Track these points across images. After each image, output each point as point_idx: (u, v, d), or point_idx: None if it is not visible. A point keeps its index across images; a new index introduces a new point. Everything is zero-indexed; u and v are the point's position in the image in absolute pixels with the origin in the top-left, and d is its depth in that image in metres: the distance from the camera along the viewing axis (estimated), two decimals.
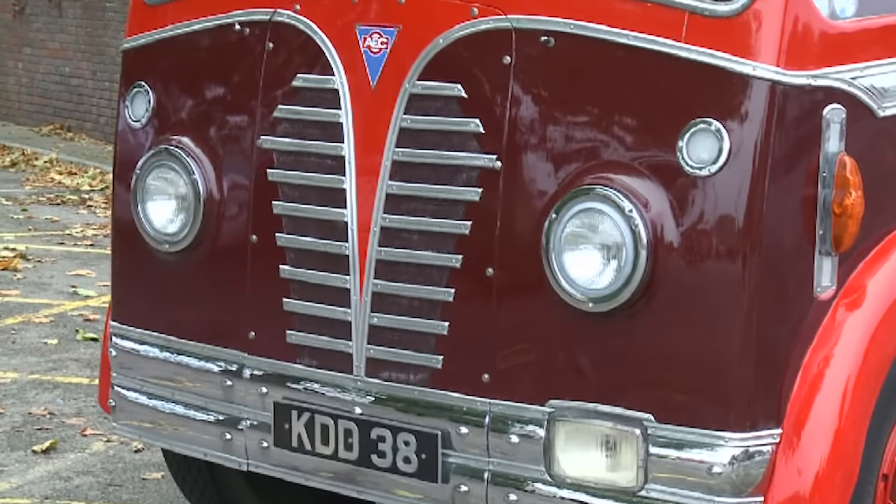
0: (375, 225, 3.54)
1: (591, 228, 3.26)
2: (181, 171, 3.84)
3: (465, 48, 3.44)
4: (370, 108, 3.55)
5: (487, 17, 3.42)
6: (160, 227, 3.90)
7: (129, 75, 4.08)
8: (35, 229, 9.92)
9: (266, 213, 3.72)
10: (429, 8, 3.49)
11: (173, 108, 3.96)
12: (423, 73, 3.48)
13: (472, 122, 3.43)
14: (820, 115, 3.25)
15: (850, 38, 3.36)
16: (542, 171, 3.36)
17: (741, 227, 3.17)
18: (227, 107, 3.83)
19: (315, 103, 3.63)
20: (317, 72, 3.63)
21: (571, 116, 3.34)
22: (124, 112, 4.06)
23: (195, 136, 3.88)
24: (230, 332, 3.82)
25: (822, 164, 3.26)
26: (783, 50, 3.17)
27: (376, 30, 3.54)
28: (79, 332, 7.02)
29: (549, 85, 3.36)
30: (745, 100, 3.17)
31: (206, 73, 3.89)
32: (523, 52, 3.38)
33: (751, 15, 3.17)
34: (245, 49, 3.77)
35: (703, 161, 3.19)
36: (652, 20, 3.24)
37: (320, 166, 3.62)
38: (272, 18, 3.72)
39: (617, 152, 3.28)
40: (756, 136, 3.17)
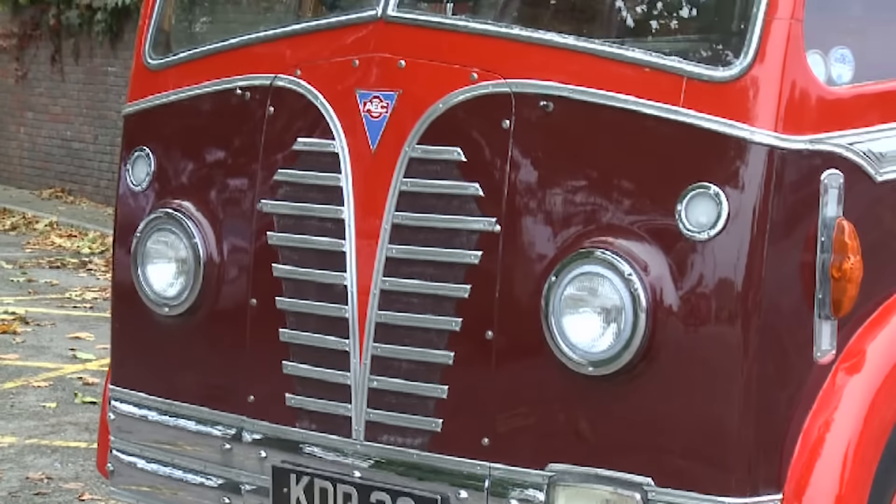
0: (375, 288, 3.55)
1: (590, 292, 3.27)
2: (181, 234, 3.85)
3: (465, 112, 3.46)
4: (370, 171, 3.56)
5: (487, 82, 3.44)
6: (160, 290, 3.90)
7: (130, 140, 4.10)
8: (35, 293, 9.93)
9: (266, 276, 3.72)
10: (429, 72, 3.52)
11: (174, 171, 3.98)
12: (422, 137, 3.50)
13: (472, 185, 3.44)
14: (818, 179, 3.26)
15: (848, 104, 3.38)
16: (541, 235, 3.37)
17: (740, 291, 3.18)
18: (228, 170, 3.85)
19: (315, 167, 3.65)
20: (317, 136, 3.65)
21: (571, 180, 3.35)
22: (125, 176, 4.07)
23: (196, 200, 3.89)
24: (229, 396, 3.81)
25: (821, 228, 3.27)
26: (781, 115, 3.19)
27: (376, 94, 3.56)
28: (77, 396, 7.01)
29: (548, 149, 3.38)
30: (744, 164, 3.19)
31: (207, 138, 3.91)
32: (522, 117, 3.40)
33: (749, 80, 3.19)
34: (246, 113, 3.79)
35: (701, 225, 3.20)
36: (650, 85, 3.26)
37: (320, 229, 3.63)
38: (273, 83, 3.74)
39: (616, 216, 3.29)
40: (755, 201, 3.18)
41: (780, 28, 3.19)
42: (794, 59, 3.20)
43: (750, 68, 3.19)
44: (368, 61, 3.58)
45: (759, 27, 3.19)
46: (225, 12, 13.67)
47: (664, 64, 3.28)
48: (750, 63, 3.19)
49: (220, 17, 13.64)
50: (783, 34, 3.19)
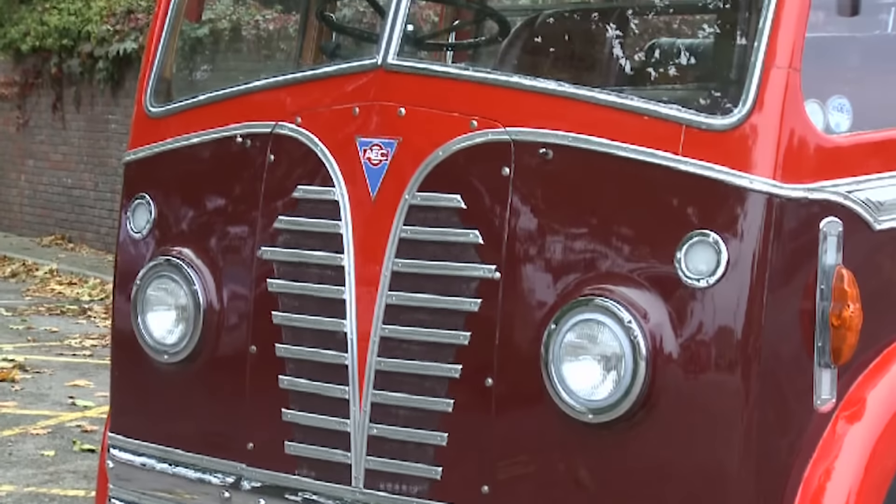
0: (375, 335, 3.55)
1: (590, 339, 3.27)
2: (181, 281, 3.86)
3: (465, 160, 3.48)
4: (370, 218, 3.57)
5: (486, 130, 3.45)
6: (160, 337, 3.90)
7: (130, 187, 4.11)
8: (34, 340, 9.92)
9: (266, 323, 3.72)
10: (428, 120, 3.53)
11: (174, 219, 3.99)
12: (422, 184, 3.51)
13: (472, 232, 3.45)
14: (817, 227, 3.27)
15: (846, 153, 3.39)
16: (541, 282, 3.37)
17: (740, 338, 3.18)
18: (228, 218, 3.86)
19: (315, 214, 3.66)
20: (317, 183, 3.66)
21: (570, 227, 3.36)
22: (126, 223, 4.08)
23: (196, 247, 3.90)
24: (229, 444, 3.80)
25: (820, 276, 3.27)
26: (780, 163, 3.20)
27: (376, 142, 3.57)
28: (76, 444, 6.99)
29: (547, 196, 3.39)
30: (743, 212, 3.20)
31: (207, 185, 3.92)
32: (522, 164, 3.41)
33: (747, 129, 3.21)
34: (246, 161, 3.80)
35: (701, 273, 3.20)
36: (649, 133, 3.28)
37: (320, 277, 3.63)
38: (273, 131, 3.76)
39: (616, 263, 3.29)
40: (754, 249, 3.19)
41: (778, 77, 3.21)
42: (792, 108, 3.22)
43: (748, 117, 3.21)
44: (368, 109, 3.59)
45: (758, 76, 3.21)
46: (225, 60, 13.74)
47: (663, 112, 3.29)
48: (748, 112, 3.21)
49: (220, 66, 13.71)
50: (781, 83, 3.21)
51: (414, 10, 3.71)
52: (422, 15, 8.65)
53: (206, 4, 4.52)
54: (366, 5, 5.89)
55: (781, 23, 3.21)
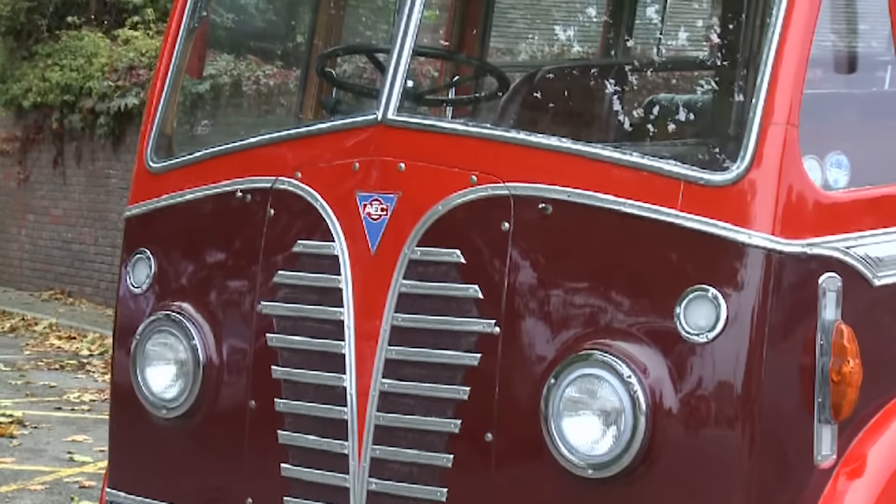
0: (374, 390, 3.54)
1: (589, 394, 3.26)
2: (181, 336, 3.86)
3: (465, 214, 3.49)
4: (370, 273, 3.58)
5: (486, 185, 3.47)
6: (159, 392, 3.89)
7: (131, 242, 4.11)
8: (32, 395, 9.90)
9: (265, 378, 3.72)
10: (428, 175, 3.55)
11: (174, 273, 3.99)
12: (422, 238, 3.52)
13: (471, 287, 3.46)
14: (816, 283, 3.28)
15: (844, 209, 3.40)
16: (540, 337, 3.38)
17: (740, 393, 3.17)
18: (228, 272, 3.86)
19: (315, 269, 3.66)
20: (317, 238, 3.67)
21: (569, 282, 3.37)
22: (126, 278, 4.08)
23: (196, 302, 3.90)
24: (228, 499, 3.79)
25: (820, 331, 3.28)
26: (778, 219, 3.21)
27: (376, 196, 3.58)
28: (74, 500, 6.95)
29: (547, 251, 3.40)
30: (742, 267, 3.20)
31: (207, 240, 3.93)
32: (521, 219, 3.42)
33: (746, 184, 3.22)
34: (246, 216, 3.81)
35: (700, 328, 3.21)
36: (648, 188, 3.29)
37: (320, 331, 3.63)
38: (274, 186, 3.77)
39: (615, 318, 3.30)
40: (753, 304, 3.19)
41: (776, 133, 3.22)
42: (790, 164, 3.23)
43: (747, 173, 3.22)
44: (368, 164, 3.61)
45: (756, 132, 3.23)
46: (226, 115, 13.79)
47: (662, 168, 3.31)
48: (747, 167, 3.22)
49: (221, 121, 13.75)
50: (779, 139, 3.22)
51: (414, 65, 3.74)
52: (421, 70, 8.70)
53: (207, 60, 4.54)
54: (366, 61, 5.92)
55: (779, 79, 3.23)
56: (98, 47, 14.70)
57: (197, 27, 4.20)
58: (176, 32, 4.15)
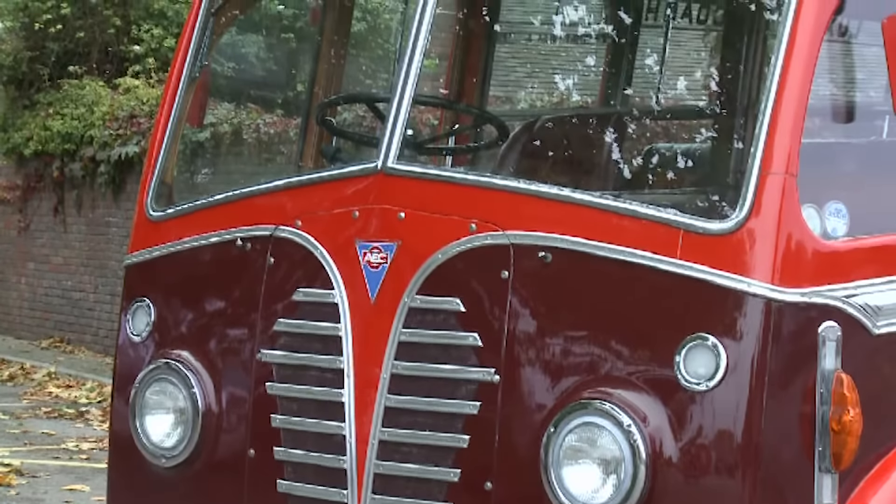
0: (374, 438, 3.53)
1: (589, 443, 3.26)
2: (180, 384, 3.85)
3: (464, 263, 3.49)
4: (370, 321, 3.58)
5: (486, 233, 3.47)
6: (158, 440, 3.88)
7: (131, 290, 4.11)
8: (31, 444, 9.86)
9: (264, 426, 3.71)
10: (428, 223, 3.55)
11: (174, 321, 3.99)
12: (422, 287, 3.52)
13: (471, 335, 3.45)
14: (815, 332, 3.28)
15: (843, 257, 3.41)
16: (540, 385, 3.37)
17: (740, 442, 3.17)
18: (228, 321, 3.86)
19: (315, 317, 3.66)
20: (317, 286, 3.67)
21: (569, 330, 3.37)
22: (125, 326, 4.08)
23: (195, 350, 3.90)
24: None
25: (819, 380, 3.27)
26: (777, 268, 3.22)
27: (376, 245, 3.59)
28: None
29: (546, 299, 3.40)
30: (741, 316, 3.20)
31: (207, 288, 3.93)
32: (521, 267, 3.42)
33: (745, 233, 3.23)
34: (246, 264, 3.82)
35: (700, 376, 3.20)
36: (647, 237, 3.30)
37: (319, 379, 3.63)
38: (274, 234, 3.78)
39: (615, 367, 3.29)
40: (753, 353, 3.19)
41: (774, 183, 3.23)
42: (789, 213, 3.24)
43: (746, 221, 3.23)
44: (368, 212, 3.61)
45: (755, 181, 3.24)
46: (226, 164, 13.81)
47: (661, 216, 3.32)
48: (746, 216, 3.23)
49: (221, 169, 13.76)
50: (778, 188, 3.23)
51: (413, 114, 3.75)
52: (421, 119, 8.73)
53: (208, 108, 4.56)
54: (366, 109, 5.95)
55: (777, 129, 3.25)
56: (99, 96, 14.76)
57: (198, 76, 4.22)
58: (177, 82, 4.17)
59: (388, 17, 11.16)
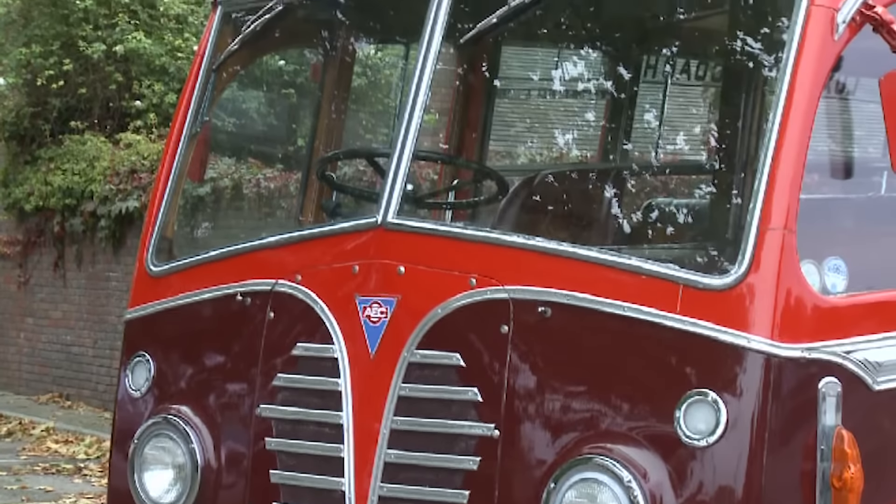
0: (373, 494, 3.52)
1: (589, 498, 3.24)
2: (179, 440, 3.84)
3: (464, 318, 3.49)
4: (369, 376, 3.57)
5: (485, 288, 3.48)
6: (156, 496, 3.87)
7: (130, 345, 4.11)
8: (28, 500, 9.81)
9: (263, 481, 3.69)
10: (428, 278, 3.55)
11: (173, 376, 3.99)
12: (421, 341, 3.52)
13: (471, 390, 3.45)
14: (815, 387, 3.27)
15: (843, 313, 3.41)
16: (540, 440, 3.36)
17: (740, 499, 3.15)
18: (228, 375, 3.86)
19: (315, 372, 3.65)
20: (317, 341, 3.66)
21: (569, 385, 3.36)
22: (124, 381, 4.08)
23: (194, 405, 3.89)
24: None
25: (820, 436, 3.26)
26: (777, 323, 3.22)
27: (376, 300, 3.59)
28: None
29: (546, 354, 3.40)
30: (741, 372, 3.20)
31: (207, 343, 3.93)
32: (521, 322, 3.42)
33: (744, 289, 3.23)
34: (246, 318, 3.82)
35: (700, 432, 3.20)
36: (647, 292, 3.30)
37: (319, 434, 3.62)
38: (274, 288, 3.78)
39: (615, 422, 3.29)
40: (753, 408, 3.18)
41: (773, 238, 3.24)
42: (788, 269, 3.24)
43: (745, 277, 3.23)
44: (368, 267, 3.62)
45: (754, 237, 3.24)
46: (227, 218, 13.81)
47: (660, 271, 3.32)
48: (745, 272, 3.23)
49: (221, 223, 13.76)
50: (777, 244, 3.24)
51: (413, 168, 3.77)
52: (421, 173, 8.74)
53: (208, 163, 4.58)
54: (366, 164, 5.96)
55: (776, 184, 3.26)
56: (100, 151, 14.80)
57: (199, 132, 4.24)
58: (178, 137, 4.19)
59: (389, 72, 11.21)
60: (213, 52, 4.24)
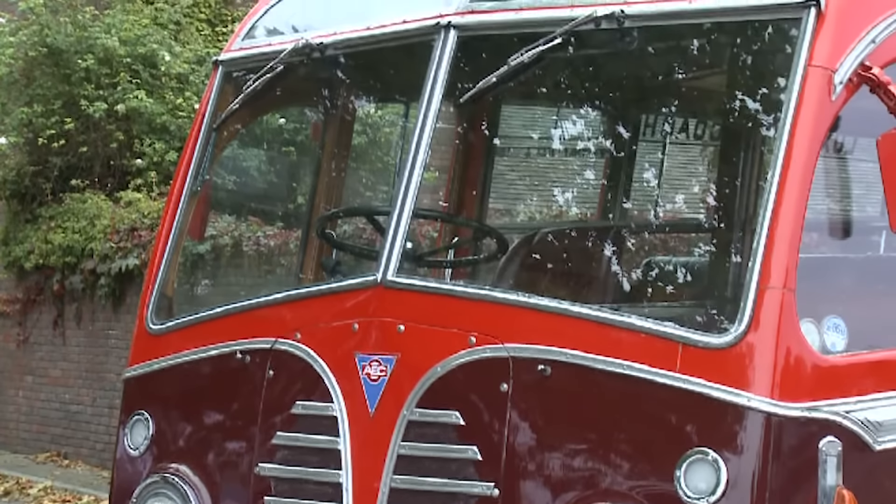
0: None
1: None
2: (177, 499, 3.83)
3: (464, 376, 3.48)
4: (368, 435, 3.56)
5: (485, 346, 3.47)
6: None
7: (129, 404, 4.11)
8: None
9: None
10: (427, 336, 3.55)
11: (172, 435, 3.97)
12: (421, 400, 3.51)
13: (470, 449, 3.44)
14: (816, 447, 3.26)
15: (843, 372, 3.40)
16: (540, 499, 3.35)
17: None
18: (227, 434, 3.85)
19: (314, 430, 3.64)
20: (316, 399, 3.66)
21: (569, 444, 3.35)
22: (123, 440, 4.07)
23: (193, 464, 3.88)
24: None
25: (821, 496, 3.25)
26: (777, 382, 3.21)
27: (376, 358, 3.59)
28: None
29: (546, 412, 3.39)
30: (741, 431, 3.19)
31: (206, 401, 3.92)
32: (521, 380, 3.42)
33: (744, 347, 3.23)
34: (246, 376, 3.81)
35: (701, 491, 3.18)
36: (647, 350, 3.29)
37: (318, 493, 3.60)
38: (273, 347, 3.77)
39: (615, 480, 3.27)
40: (753, 468, 3.17)
41: (773, 297, 3.24)
42: (787, 328, 3.24)
43: (745, 335, 3.23)
44: (368, 325, 3.62)
45: (753, 296, 3.24)
46: (227, 276, 13.80)
47: (660, 330, 3.32)
48: (744, 330, 3.23)
49: (221, 281, 13.74)
50: (776, 303, 3.24)
51: (413, 226, 3.77)
52: (421, 231, 8.75)
53: (208, 221, 4.59)
54: (366, 222, 5.98)
55: (775, 243, 3.26)
56: (101, 209, 14.83)
57: (199, 190, 4.25)
58: (178, 196, 4.20)
59: (389, 130, 11.25)
60: (214, 111, 4.26)
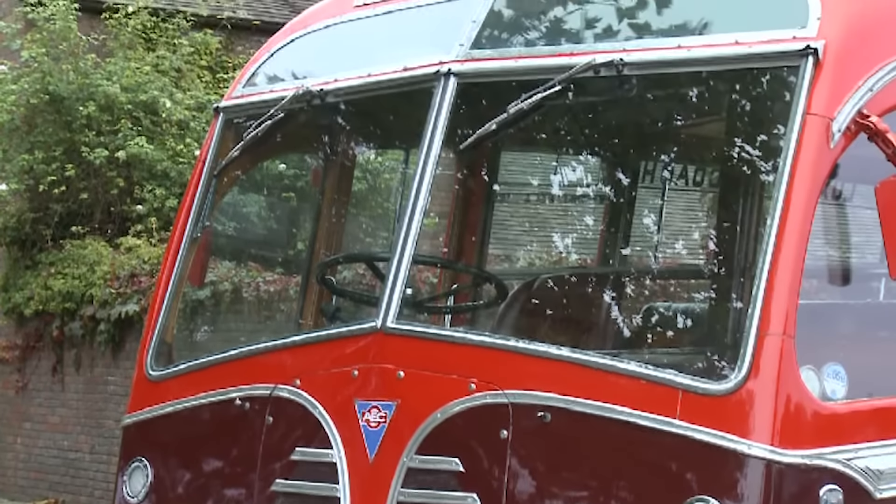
0: None
1: None
2: None
3: (463, 422, 3.48)
4: (368, 482, 3.55)
5: (485, 392, 3.47)
6: None
7: (128, 451, 4.09)
8: None
9: None
10: (427, 383, 3.55)
11: (171, 482, 3.96)
12: (421, 446, 3.50)
13: (470, 496, 3.43)
14: (816, 495, 3.25)
15: (843, 420, 3.39)
16: None
17: None
18: (226, 481, 3.83)
19: (313, 477, 3.63)
20: (315, 445, 3.65)
21: (569, 491, 3.34)
22: (121, 487, 4.05)
23: None
24: None
25: None
26: (777, 429, 3.20)
27: (375, 404, 3.58)
28: None
29: (546, 459, 3.38)
30: (742, 478, 3.18)
31: (205, 448, 3.91)
32: (520, 427, 3.41)
33: (744, 394, 3.22)
34: (245, 423, 3.80)
35: None
36: (647, 397, 3.29)
37: None
38: (273, 393, 3.77)
39: None
40: None
41: (772, 344, 3.24)
42: (787, 375, 3.24)
43: (744, 382, 3.22)
44: (368, 371, 3.61)
45: (753, 342, 3.24)
46: (226, 322, 13.80)
47: (660, 376, 3.31)
48: (744, 377, 3.23)
49: (221, 327, 13.74)
50: (776, 350, 3.23)
51: (413, 272, 3.78)
52: (421, 277, 8.75)
53: (208, 267, 4.60)
54: (366, 268, 5.98)
55: (775, 290, 3.26)
56: (101, 255, 14.83)
57: (199, 236, 4.25)
58: (179, 242, 4.21)
59: (389, 176, 11.28)
60: (214, 157, 4.28)
